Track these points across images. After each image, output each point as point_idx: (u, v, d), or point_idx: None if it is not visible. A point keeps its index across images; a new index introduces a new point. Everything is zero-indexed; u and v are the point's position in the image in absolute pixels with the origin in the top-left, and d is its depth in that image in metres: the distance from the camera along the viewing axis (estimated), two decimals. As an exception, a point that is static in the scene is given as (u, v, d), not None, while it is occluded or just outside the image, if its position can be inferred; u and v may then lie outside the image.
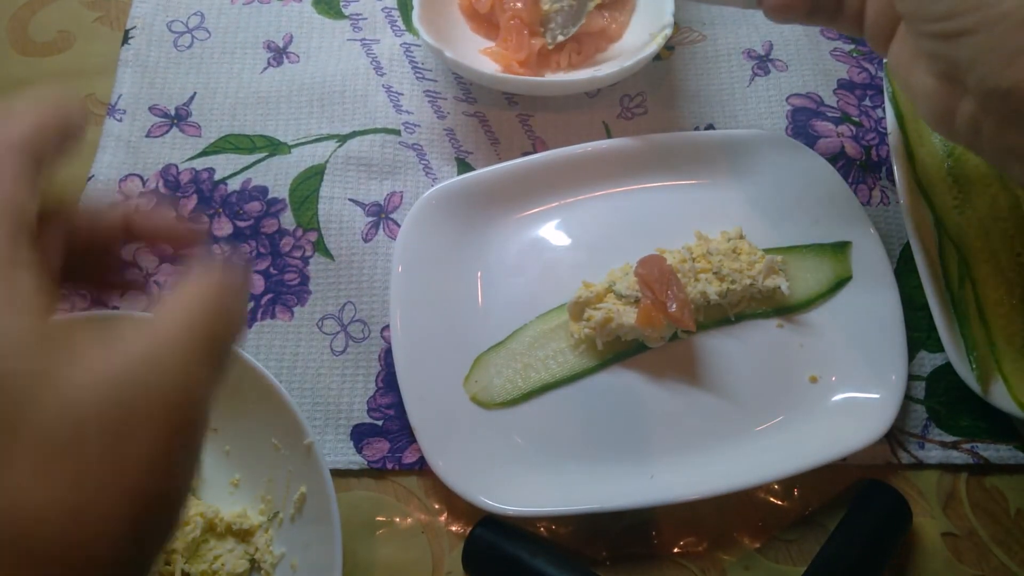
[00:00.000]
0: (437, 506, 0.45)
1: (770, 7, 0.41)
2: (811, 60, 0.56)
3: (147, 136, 0.54)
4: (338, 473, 0.45)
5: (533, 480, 0.44)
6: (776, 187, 0.50)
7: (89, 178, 0.52)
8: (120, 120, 0.54)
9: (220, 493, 0.44)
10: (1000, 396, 0.43)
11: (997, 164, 0.33)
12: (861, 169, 0.53)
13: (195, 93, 0.56)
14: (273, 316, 0.49)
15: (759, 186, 0.51)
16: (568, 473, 0.44)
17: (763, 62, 0.56)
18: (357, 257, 0.50)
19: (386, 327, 0.49)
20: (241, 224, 0.51)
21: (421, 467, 0.46)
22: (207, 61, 0.57)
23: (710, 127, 0.54)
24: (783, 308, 0.48)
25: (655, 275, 0.44)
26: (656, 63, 0.56)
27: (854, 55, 0.57)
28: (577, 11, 0.53)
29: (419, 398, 0.45)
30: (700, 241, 0.48)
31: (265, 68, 0.57)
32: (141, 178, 0.53)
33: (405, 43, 0.57)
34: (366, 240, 0.51)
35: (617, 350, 0.47)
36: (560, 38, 0.53)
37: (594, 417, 0.46)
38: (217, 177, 0.53)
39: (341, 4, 0.59)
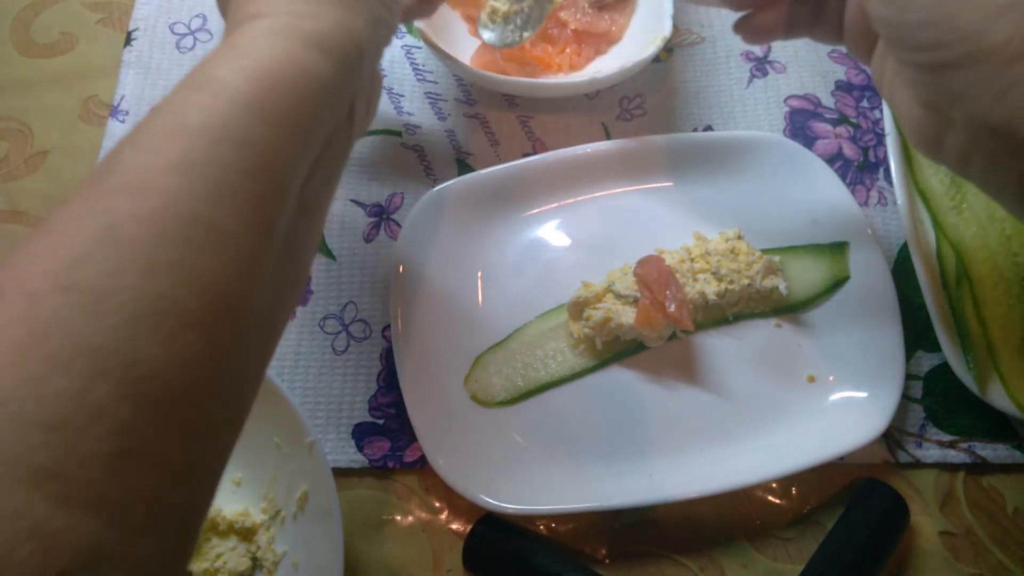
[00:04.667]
0: (438, 504, 0.46)
1: (747, 33, 0.39)
2: (809, 62, 0.56)
3: (149, 137, 0.54)
4: (339, 472, 0.46)
5: (533, 478, 0.44)
6: (774, 188, 0.51)
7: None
8: (123, 122, 0.55)
9: (222, 492, 0.44)
10: (997, 395, 0.44)
11: (988, 194, 0.31)
12: (859, 170, 0.53)
13: (197, 94, 0.56)
14: (275, 316, 0.49)
15: (757, 187, 0.51)
16: (567, 471, 0.44)
17: (761, 64, 0.57)
18: (359, 257, 0.51)
19: (387, 327, 0.49)
20: (243, 225, 0.52)
21: (422, 465, 0.46)
22: (209, 63, 0.57)
23: (709, 128, 0.55)
24: (781, 308, 0.48)
25: (654, 275, 0.44)
26: (655, 65, 0.57)
27: (851, 56, 0.57)
28: (537, 15, 0.52)
29: (420, 397, 0.45)
30: (698, 242, 0.49)
31: (267, 70, 0.57)
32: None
33: (406, 45, 0.58)
34: (368, 240, 0.51)
35: (616, 350, 0.47)
36: (521, 39, 0.52)
37: (593, 416, 0.46)
38: (219, 178, 0.53)
39: (342, 6, 0.59)
